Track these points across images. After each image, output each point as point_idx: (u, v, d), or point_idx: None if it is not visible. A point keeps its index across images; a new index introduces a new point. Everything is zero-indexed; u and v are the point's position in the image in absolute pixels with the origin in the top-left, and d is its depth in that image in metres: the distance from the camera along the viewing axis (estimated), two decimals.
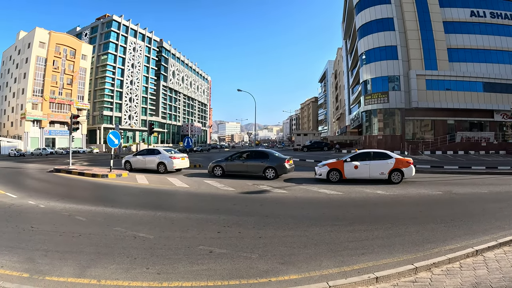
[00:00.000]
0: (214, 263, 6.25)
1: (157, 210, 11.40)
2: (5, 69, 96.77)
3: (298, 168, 25.78)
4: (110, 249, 7.21)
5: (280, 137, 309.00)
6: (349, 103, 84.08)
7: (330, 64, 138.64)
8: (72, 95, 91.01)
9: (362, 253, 6.68)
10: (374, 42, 52.24)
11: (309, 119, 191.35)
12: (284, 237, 7.96)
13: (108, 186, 18.25)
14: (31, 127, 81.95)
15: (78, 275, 5.84)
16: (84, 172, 23.61)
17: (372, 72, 52.37)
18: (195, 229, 8.74)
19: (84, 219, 10.05)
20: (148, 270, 5.98)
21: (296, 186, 16.78)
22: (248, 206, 12.02)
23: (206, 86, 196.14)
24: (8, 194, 15.23)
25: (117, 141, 24.19)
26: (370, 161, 17.93)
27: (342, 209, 11.40)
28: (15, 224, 9.65)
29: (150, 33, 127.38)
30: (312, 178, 19.40)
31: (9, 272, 6.03)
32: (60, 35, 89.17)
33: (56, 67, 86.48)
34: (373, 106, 52.43)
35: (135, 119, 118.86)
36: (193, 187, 16.91)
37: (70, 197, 14.75)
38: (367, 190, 14.87)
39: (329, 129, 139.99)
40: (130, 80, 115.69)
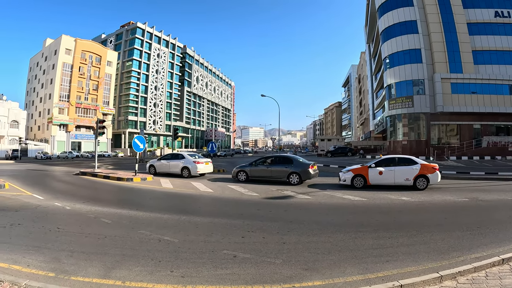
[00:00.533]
0: (238, 268, 6.21)
1: (181, 214, 11.38)
2: (33, 75, 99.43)
3: (322, 173, 25.61)
4: (135, 251, 7.23)
5: (304, 142, 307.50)
6: (373, 108, 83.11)
7: (353, 68, 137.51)
8: (97, 100, 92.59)
9: (386, 260, 6.53)
10: (398, 46, 51.27)
11: (333, 124, 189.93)
12: (308, 243, 7.84)
13: (133, 190, 18.40)
14: (58, 131, 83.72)
15: (103, 276, 5.87)
16: (109, 175, 23.84)
17: (396, 76, 51.34)
18: (219, 233, 8.69)
19: (110, 222, 10.13)
20: (173, 273, 5.97)
21: (320, 192, 16.58)
22: (272, 212, 11.92)
23: (230, 91, 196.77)
24: (35, 196, 15.51)
25: (142, 146, 24.38)
26: (395, 167, 17.57)
27: (367, 216, 11.21)
28: (42, 224, 9.79)
29: (173, 40, 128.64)
30: (336, 184, 19.18)
31: (35, 271, 6.11)
32: (85, 42, 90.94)
33: (82, 73, 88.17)
34: (397, 110, 51.38)
35: (160, 124, 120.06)
36: (217, 192, 16.88)
37: (96, 199, 14.88)
38: (391, 197, 14.60)
39: (353, 134, 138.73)
40: (154, 85, 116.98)
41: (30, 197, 15.29)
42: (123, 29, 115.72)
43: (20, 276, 5.76)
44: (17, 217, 10.75)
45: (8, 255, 6.98)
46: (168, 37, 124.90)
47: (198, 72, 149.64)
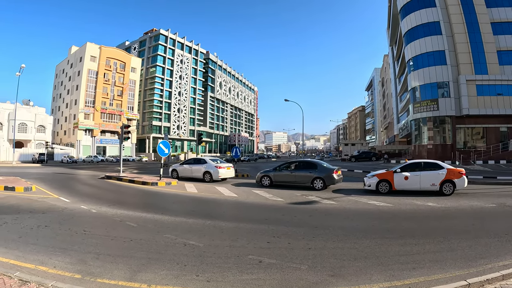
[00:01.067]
0: (263, 273, 6.16)
1: (206, 218, 11.36)
2: (59, 81, 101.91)
3: (346, 178, 25.32)
4: (160, 255, 7.24)
5: (327, 147, 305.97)
6: (397, 111, 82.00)
7: (376, 71, 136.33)
8: (122, 105, 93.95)
9: (413, 267, 6.37)
10: (421, 48, 50.25)
11: (356, 129, 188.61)
12: (333, 248, 7.72)
13: (158, 194, 18.44)
14: (83, 136, 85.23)
15: (129, 279, 5.90)
16: (134, 179, 24.06)
17: (421, 78, 50.35)
18: (244, 238, 8.64)
19: (135, 225, 10.19)
20: (198, 278, 5.96)
21: (345, 197, 16.34)
22: (297, 217, 11.78)
23: (253, 96, 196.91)
24: (62, 198, 15.77)
25: (167, 151, 24.44)
26: (420, 172, 17.19)
27: (392, 222, 10.99)
28: (68, 227, 9.91)
29: (196, 46, 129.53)
30: (361, 189, 18.92)
31: (62, 273, 6.17)
32: (110, 49, 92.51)
33: (107, 80, 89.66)
34: (422, 114, 50.33)
35: (184, 129, 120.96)
36: (241, 196, 16.85)
37: (121, 203, 14.96)
38: (417, 202, 14.29)
39: (376, 139, 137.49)
40: (178, 91, 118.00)
41: (57, 199, 15.55)
42: (146, 36, 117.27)
43: (47, 277, 5.82)
44: (44, 219, 10.92)
45: (35, 256, 7.08)
46: (190, 43, 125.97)
47: (221, 77, 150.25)
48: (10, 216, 11.29)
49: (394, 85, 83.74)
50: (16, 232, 9.24)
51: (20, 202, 14.49)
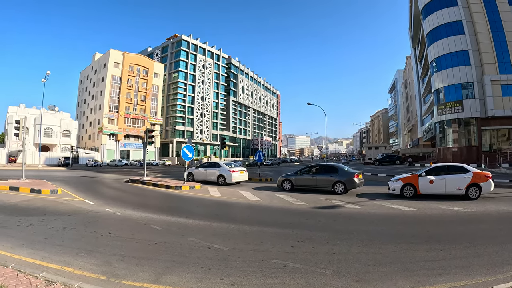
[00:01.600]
0: (288, 277, 6.10)
1: (230, 222, 11.32)
2: (83, 87, 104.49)
3: (370, 183, 25.22)
4: (185, 258, 7.25)
5: (350, 150, 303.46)
6: (421, 113, 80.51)
7: (399, 73, 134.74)
8: (145, 110, 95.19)
9: (439, 273, 6.20)
10: (444, 48, 49.21)
11: (380, 132, 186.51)
12: (358, 253, 7.59)
13: (181, 198, 18.55)
14: (108, 140, 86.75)
15: (154, 281, 5.92)
16: (158, 183, 24.23)
17: (444, 80, 49.30)
18: (268, 242, 8.57)
19: (160, 228, 10.22)
20: (222, 281, 5.94)
21: (369, 201, 16.12)
22: (321, 221, 11.66)
23: (275, 100, 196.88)
24: (87, 201, 15.98)
25: (191, 155, 24.59)
26: (446, 175, 16.72)
27: (418, 226, 10.75)
28: (93, 229, 10.04)
29: (218, 51, 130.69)
30: (385, 193, 18.61)
31: (87, 274, 6.23)
32: (133, 56, 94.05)
33: (130, 85, 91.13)
34: (446, 116, 49.28)
35: (206, 133, 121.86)
36: (265, 201, 16.76)
37: (146, 206, 15.09)
38: (443, 207, 13.95)
39: (400, 142, 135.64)
40: (201, 96, 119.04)
41: (82, 202, 15.78)
42: (168, 42, 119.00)
43: (72, 278, 5.89)
44: (69, 221, 11.09)
45: (61, 257, 7.18)
46: (212, 48, 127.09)
47: (243, 82, 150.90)
48: (36, 218, 11.51)
49: (417, 87, 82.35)
50: (42, 233, 9.38)
51: (46, 204, 14.75)
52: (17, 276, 5.81)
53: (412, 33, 76.62)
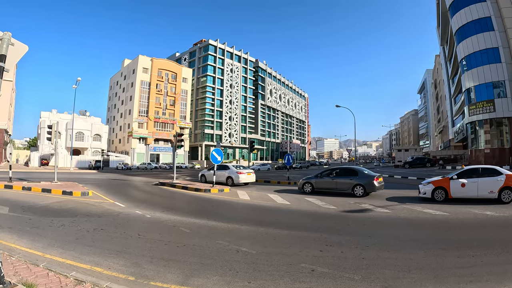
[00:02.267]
0: (316, 282, 6.03)
1: (259, 225, 11.29)
2: (113, 93, 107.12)
3: (400, 186, 25.03)
4: (213, 260, 7.27)
5: (380, 153, 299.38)
6: (451, 114, 78.25)
7: (428, 73, 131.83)
8: (175, 115, 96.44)
9: (470, 280, 6.00)
10: (474, 46, 47.67)
11: (410, 134, 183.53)
12: (387, 259, 7.44)
13: (211, 201, 18.56)
14: (137, 144, 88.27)
15: (181, 283, 5.95)
16: (187, 186, 24.41)
17: (475, 78, 47.76)
18: (297, 246, 8.51)
19: (188, 231, 10.29)
20: (250, 284, 5.92)
21: (399, 205, 15.79)
22: (351, 225, 11.51)
23: (304, 103, 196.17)
24: (117, 203, 16.25)
25: (220, 158, 24.67)
26: (478, 178, 16.00)
27: (449, 232, 10.44)
28: (123, 230, 10.20)
29: (245, 54, 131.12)
30: (415, 196, 18.21)
31: (116, 274, 6.34)
32: (161, 61, 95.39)
33: (159, 90, 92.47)
34: (478, 116, 47.76)
35: (235, 136, 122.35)
36: (294, 204, 16.67)
37: (175, 209, 15.17)
38: (475, 211, 13.49)
39: (431, 144, 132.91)
40: (229, 99, 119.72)
41: (112, 204, 16.05)
42: (195, 47, 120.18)
43: (101, 278, 5.97)
44: (100, 223, 11.31)
45: (91, 258, 7.31)
46: (239, 52, 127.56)
47: (271, 85, 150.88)
48: (67, 219, 11.78)
49: (447, 87, 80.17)
50: (73, 234, 9.60)
51: (77, 206, 15.09)
52: (48, 275, 5.91)
53: (440, 32, 74.65)
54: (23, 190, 20.95)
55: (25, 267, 6.27)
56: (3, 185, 22.21)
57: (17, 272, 5.97)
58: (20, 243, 8.30)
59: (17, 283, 5.20)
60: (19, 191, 20.57)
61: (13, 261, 6.57)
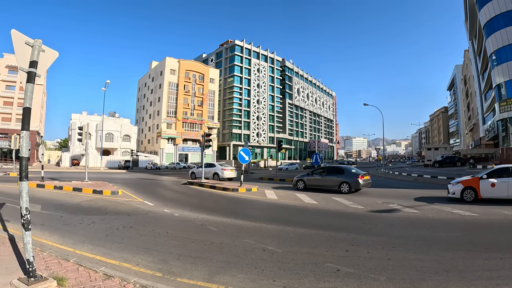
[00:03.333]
0: (340, 282, 6.02)
1: (285, 225, 11.29)
2: (141, 94, 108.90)
3: (429, 186, 24.73)
4: (239, 259, 7.33)
5: (409, 151, 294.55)
6: (482, 111, 75.73)
7: (457, 69, 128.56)
8: (202, 115, 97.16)
9: (497, 284, 5.83)
10: (503, 39, 45.78)
11: (439, 132, 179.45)
12: (414, 260, 7.33)
13: (238, 200, 18.69)
14: (166, 144, 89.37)
15: (207, 280, 6.03)
16: (215, 185, 24.59)
17: (505, 74, 45.94)
18: (323, 246, 8.50)
19: (215, 229, 10.39)
20: (275, 283, 5.95)
21: (427, 205, 15.52)
22: (378, 226, 11.40)
23: (331, 101, 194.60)
24: (146, 202, 16.55)
25: (248, 158, 24.84)
26: (508, 178, 15.36)
27: (477, 233, 10.20)
28: (152, 228, 10.38)
29: (272, 54, 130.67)
30: (444, 197, 17.89)
31: (144, 270, 6.49)
32: (188, 62, 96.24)
33: (187, 91, 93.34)
34: (509, 113, 46.01)
35: (263, 136, 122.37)
36: (321, 203, 16.65)
37: (202, 208, 15.32)
38: (505, 212, 13.11)
39: (461, 142, 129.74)
40: (256, 99, 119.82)
41: (141, 203, 16.34)
42: (222, 47, 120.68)
43: (130, 274, 6.14)
44: (129, 221, 11.56)
45: (120, 254, 7.51)
46: (266, 52, 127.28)
47: (299, 84, 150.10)
48: (97, 217, 12.09)
49: (477, 83, 77.71)
50: (103, 231, 9.86)
51: (107, 205, 15.45)
52: (78, 269, 6.11)
53: (468, 26, 72.29)
54: (55, 189, 21.57)
55: (56, 262, 6.49)
56: (35, 184, 22.94)
57: (48, 266, 6.19)
58: (51, 239, 8.59)
59: (48, 276, 5.38)
60: (51, 190, 21.20)
61: (45, 256, 6.81)
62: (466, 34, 78.42)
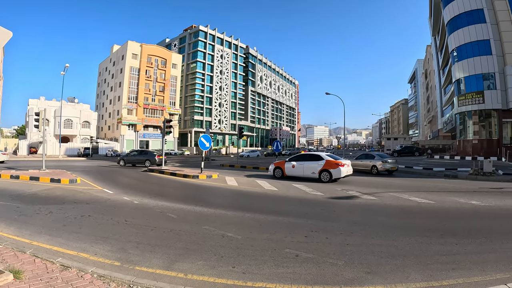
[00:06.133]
0: (299, 267, 6.12)
1: (245, 211, 11.40)
2: (102, 79, 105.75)
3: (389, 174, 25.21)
4: (198, 246, 7.35)
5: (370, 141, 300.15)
6: (441, 104, 78.75)
7: (419, 63, 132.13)
8: (164, 101, 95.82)
9: (452, 268, 6.10)
10: (465, 37, 48.02)
11: (399, 123, 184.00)
12: (372, 245, 7.55)
13: (198, 187, 18.71)
14: (127, 131, 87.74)
15: (166, 267, 6.03)
16: (176, 172, 24.53)
17: (465, 70, 48.13)
18: (282, 232, 8.63)
19: (175, 217, 10.39)
20: (234, 269, 6.01)
21: (385, 193, 15.98)
22: (336, 212, 11.70)
23: (294, 90, 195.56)
24: (105, 190, 16.30)
25: (208, 144, 24.87)
26: (304, 162, 21.69)
27: (434, 220, 10.55)
28: (110, 217, 10.25)
29: (236, 41, 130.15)
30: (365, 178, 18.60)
31: (102, 260, 6.40)
32: (150, 47, 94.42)
33: (148, 76, 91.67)
34: (467, 107, 48.22)
35: (225, 123, 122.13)
36: (281, 190, 16.84)
37: (162, 195, 15.25)
38: (461, 200, 13.69)
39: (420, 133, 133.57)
40: (219, 86, 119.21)
41: (100, 191, 16.07)
42: (186, 32, 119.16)
43: (87, 264, 6.03)
44: (87, 209, 11.34)
45: (78, 244, 7.37)
46: (230, 38, 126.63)
47: (262, 71, 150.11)
48: (55, 206, 11.80)
49: (438, 77, 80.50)
50: (61, 221, 9.63)
51: (65, 193, 15.08)
52: (34, 261, 5.95)
53: (432, 22, 74.62)
54: (11, 178, 20.91)
55: (12, 254, 6.31)
56: None
57: (4, 259, 6.00)
58: (7, 231, 8.32)
59: (3, 270, 5.22)
60: (7, 180, 20.49)
61: (0, 249, 6.61)
62: (430, 30, 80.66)
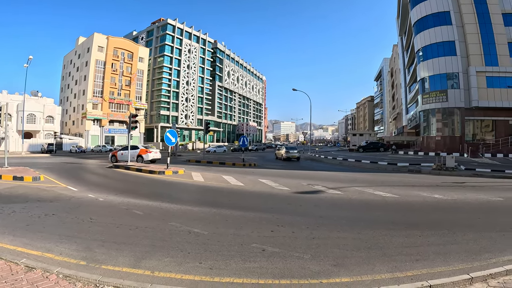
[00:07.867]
0: (266, 262, 6.22)
1: (212, 207, 11.41)
2: (66, 72, 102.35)
3: (353, 169, 25.98)
4: (164, 242, 7.35)
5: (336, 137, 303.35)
6: (406, 102, 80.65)
7: (385, 61, 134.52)
8: (130, 95, 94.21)
9: (416, 259, 6.36)
10: (431, 38, 49.67)
11: (365, 119, 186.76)
12: (337, 239, 7.75)
13: (164, 182, 18.64)
14: (92, 126, 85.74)
15: (133, 265, 6.00)
16: (141, 168, 24.28)
17: (430, 69, 49.76)
18: (249, 227, 8.71)
19: (141, 213, 10.33)
20: (201, 265, 6.04)
21: (351, 187, 16.36)
22: (302, 206, 11.85)
23: (261, 85, 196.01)
24: (69, 188, 15.96)
25: (174, 140, 24.73)
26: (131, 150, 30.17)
27: (398, 213, 10.93)
28: (75, 215, 10.05)
29: (204, 35, 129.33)
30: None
31: (67, 259, 6.30)
32: (117, 40, 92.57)
33: (114, 70, 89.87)
34: (431, 105, 49.91)
35: (191, 118, 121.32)
36: (248, 185, 16.94)
37: (128, 192, 15.10)
38: (424, 194, 14.24)
39: (385, 129, 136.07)
40: (186, 80, 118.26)
41: (65, 188, 15.74)
42: (154, 26, 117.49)
43: (53, 264, 5.93)
44: (51, 208, 11.09)
45: (42, 244, 7.22)
46: (198, 33, 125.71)
47: (229, 66, 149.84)
48: (18, 205, 11.47)
49: (403, 76, 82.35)
50: (24, 220, 9.39)
51: (29, 192, 14.67)
52: None
53: (399, 22, 76.05)
54: None
55: None
56: None
57: None
58: None
59: None
60: None
61: None
62: (397, 30, 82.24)
